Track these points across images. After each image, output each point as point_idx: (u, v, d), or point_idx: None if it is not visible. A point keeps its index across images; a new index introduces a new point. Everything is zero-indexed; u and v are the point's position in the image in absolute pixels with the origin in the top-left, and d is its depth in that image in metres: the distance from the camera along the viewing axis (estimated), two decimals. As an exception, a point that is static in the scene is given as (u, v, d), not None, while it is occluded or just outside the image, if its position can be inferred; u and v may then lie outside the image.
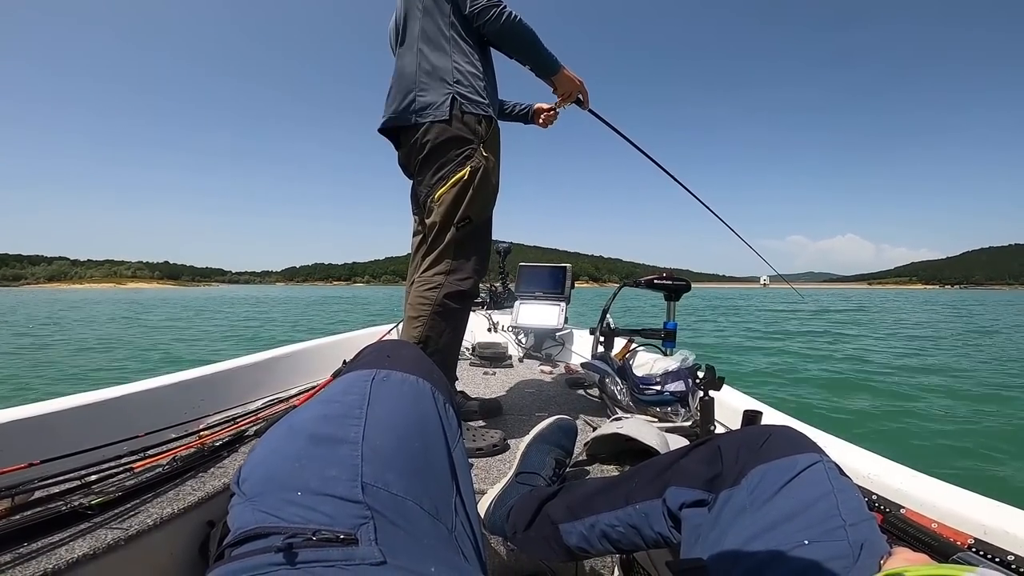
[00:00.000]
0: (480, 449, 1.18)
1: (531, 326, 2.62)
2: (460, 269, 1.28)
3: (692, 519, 0.57)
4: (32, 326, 13.75)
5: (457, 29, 1.28)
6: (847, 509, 0.46)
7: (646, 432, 1.04)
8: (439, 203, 1.27)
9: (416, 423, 0.53)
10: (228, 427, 1.15)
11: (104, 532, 0.70)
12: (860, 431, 3.62)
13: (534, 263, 2.86)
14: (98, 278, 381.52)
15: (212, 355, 7.41)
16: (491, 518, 0.86)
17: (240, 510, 0.43)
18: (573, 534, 0.70)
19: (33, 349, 8.56)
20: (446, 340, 1.26)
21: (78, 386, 4.99)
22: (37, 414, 0.96)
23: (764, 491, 0.50)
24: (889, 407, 4.32)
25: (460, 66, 1.27)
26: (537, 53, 1.31)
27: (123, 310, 22.83)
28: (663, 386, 1.34)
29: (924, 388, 5.14)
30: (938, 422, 3.85)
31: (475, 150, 1.25)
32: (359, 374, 0.55)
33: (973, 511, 0.68)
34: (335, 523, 0.40)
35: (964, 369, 6.35)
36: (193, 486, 0.87)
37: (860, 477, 0.83)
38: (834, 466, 0.52)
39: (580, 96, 1.44)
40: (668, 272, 1.67)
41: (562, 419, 1.04)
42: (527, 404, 1.66)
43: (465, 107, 1.25)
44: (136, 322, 15.15)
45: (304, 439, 0.47)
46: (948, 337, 10.50)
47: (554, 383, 2.00)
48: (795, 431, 0.57)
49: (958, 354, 7.87)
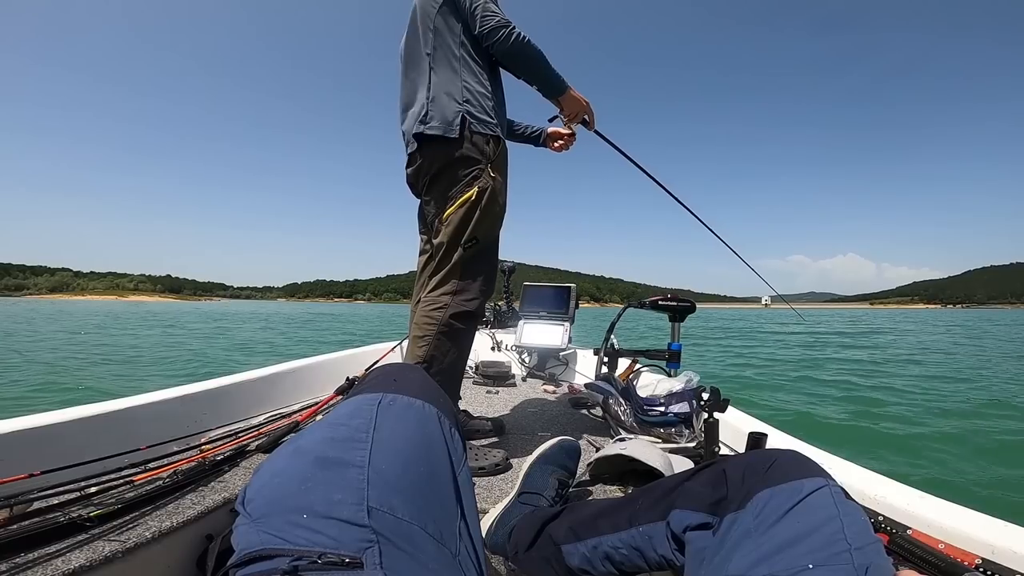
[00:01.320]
0: (482, 468, 1.17)
1: (535, 345, 2.61)
2: (466, 290, 1.28)
3: (696, 542, 0.56)
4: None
5: (467, 49, 1.30)
6: (852, 532, 0.45)
7: (650, 453, 1.03)
8: (447, 223, 1.27)
9: (422, 447, 0.53)
10: (230, 441, 1.15)
11: (102, 544, 0.70)
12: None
13: (539, 283, 2.87)
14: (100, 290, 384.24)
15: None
16: (493, 538, 0.85)
17: (245, 531, 0.43)
18: (575, 555, 0.69)
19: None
20: (451, 360, 1.26)
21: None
22: (39, 425, 0.97)
23: (769, 515, 0.50)
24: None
25: (470, 85, 1.29)
26: (545, 73, 1.33)
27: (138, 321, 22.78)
28: (667, 407, 1.33)
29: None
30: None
31: (483, 170, 1.27)
32: (365, 398, 0.56)
33: (980, 531, 0.67)
34: (340, 546, 0.40)
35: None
36: (193, 500, 0.87)
37: (867, 498, 0.82)
38: (840, 490, 0.51)
39: (586, 117, 1.46)
40: (673, 293, 1.67)
41: (565, 439, 1.03)
42: (530, 424, 1.64)
43: (474, 126, 1.27)
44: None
45: (310, 462, 0.47)
46: (992, 359, 9.54)
47: (557, 403, 1.98)
48: (801, 455, 0.57)
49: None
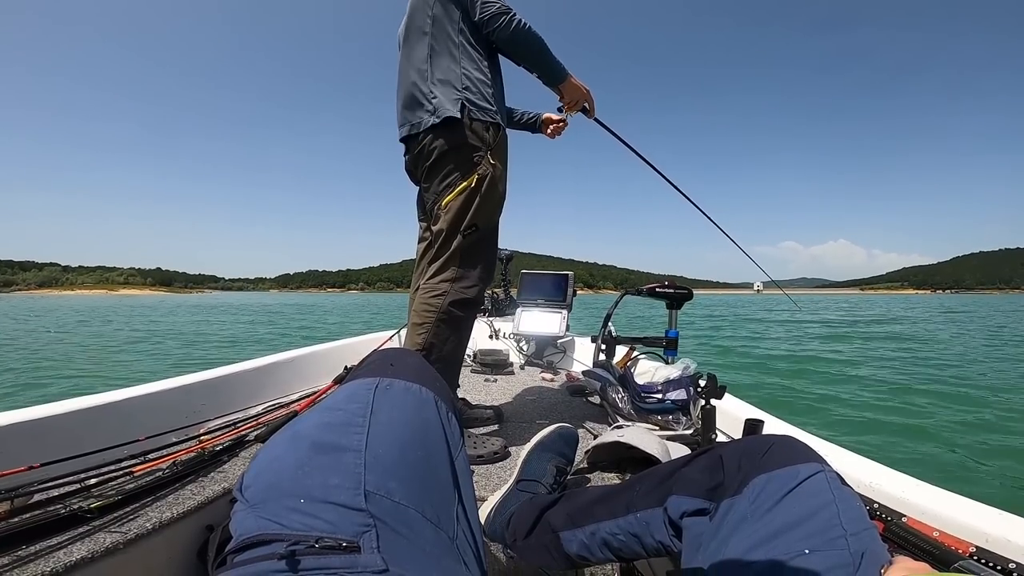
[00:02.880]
0: (481, 456, 1.17)
1: (533, 333, 2.61)
2: (466, 277, 1.28)
3: (693, 528, 0.57)
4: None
5: (466, 36, 1.28)
6: (848, 518, 0.46)
7: (647, 440, 1.03)
8: (446, 210, 1.27)
9: (419, 432, 0.53)
10: (229, 432, 1.15)
11: (102, 535, 0.70)
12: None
13: (536, 270, 2.87)
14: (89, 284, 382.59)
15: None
16: (491, 525, 0.85)
17: (243, 517, 0.43)
18: (574, 542, 0.70)
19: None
20: (450, 348, 1.26)
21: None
22: (38, 417, 0.96)
23: (766, 500, 0.50)
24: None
25: (469, 73, 1.27)
26: (545, 61, 1.31)
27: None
28: (664, 394, 1.34)
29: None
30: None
31: (483, 157, 1.26)
32: (362, 382, 0.55)
33: (975, 519, 0.67)
34: (338, 531, 0.40)
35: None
36: (193, 490, 0.87)
37: (862, 486, 0.83)
38: (836, 476, 0.52)
39: (586, 104, 1.44)
40: (670, 280, 1.67)
41: (563, 427, 1.04)
42: (528, 411, 1.65)
43: (473, 113, 1.25)
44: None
45: (307, 447, 0.47)
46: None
47: (555, 391, 1.99)
48: (797, 441, 0.57)
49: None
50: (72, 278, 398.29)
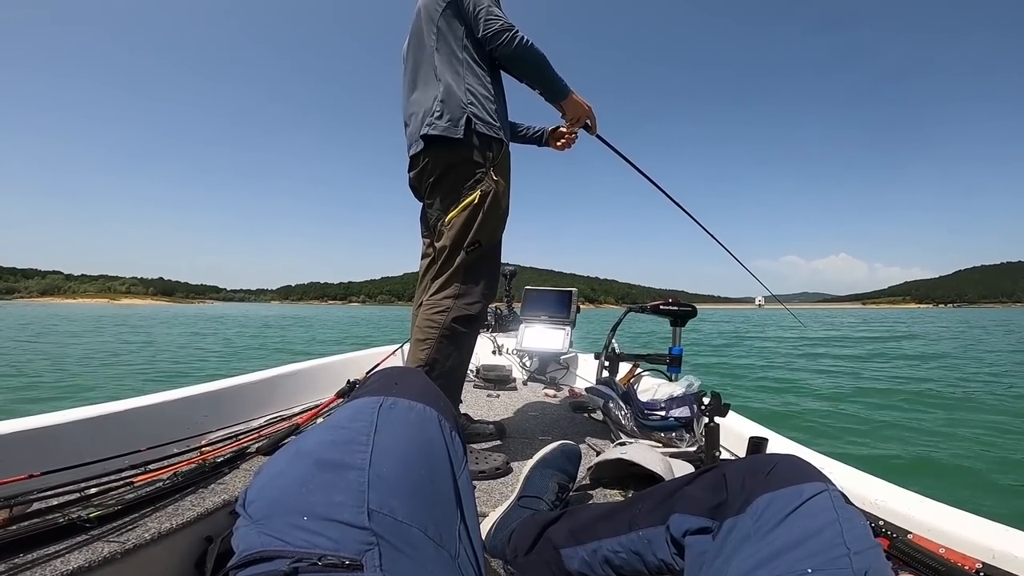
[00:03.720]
0: (483, 472, 1.17)
1: (536, 349, 2.61)
2: (469, 293, 1.28)
3: (696, 546, 0.56)
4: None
5: (470, 52, 1.30)
6: (852, 537, 0.45)
7: (650, 458, 1.02)
8: (449, 226, 1.27)
9: (422, 450, 0.53)
10: (230, 444, 1.15)
11: (101, 545, 0.70)
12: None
13: (540, 287, 2.87)
14: (92, 293, 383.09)
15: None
16: (492, 541, 0.84)
17: (245, 532, 0.43)
18: (575, 559, 0.69)
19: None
20: (452, 364, 1.25)
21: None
22: (39, 426, 0.97)
23: (769, 520, 0.50)
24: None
25: (473, 88, 1.29)
26: (548, 77, 1.33)
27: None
28: (668, 411, 1.33)
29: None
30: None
31: (486, 173, 1.27)
32: (366, 401, 0.56)
33: (981, 535, 0.66)
34: (341, 548, 0.40)
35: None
36: (192, 502, 0.87)
37: (868, 503, 0.82)
38: (840, 495, 0.51)
39: (588, 121, 1.46)
40: (673, 297, 1.67)
41: (566, 443, 1.03)
42: (530, 427, 1.64)
43: (478, 127, 1.26)
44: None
45: (311, 464, 0.47)
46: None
47: (558, 407, 1.98)
48: (801, 460, 0.57)
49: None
50: (75, 286, 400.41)
